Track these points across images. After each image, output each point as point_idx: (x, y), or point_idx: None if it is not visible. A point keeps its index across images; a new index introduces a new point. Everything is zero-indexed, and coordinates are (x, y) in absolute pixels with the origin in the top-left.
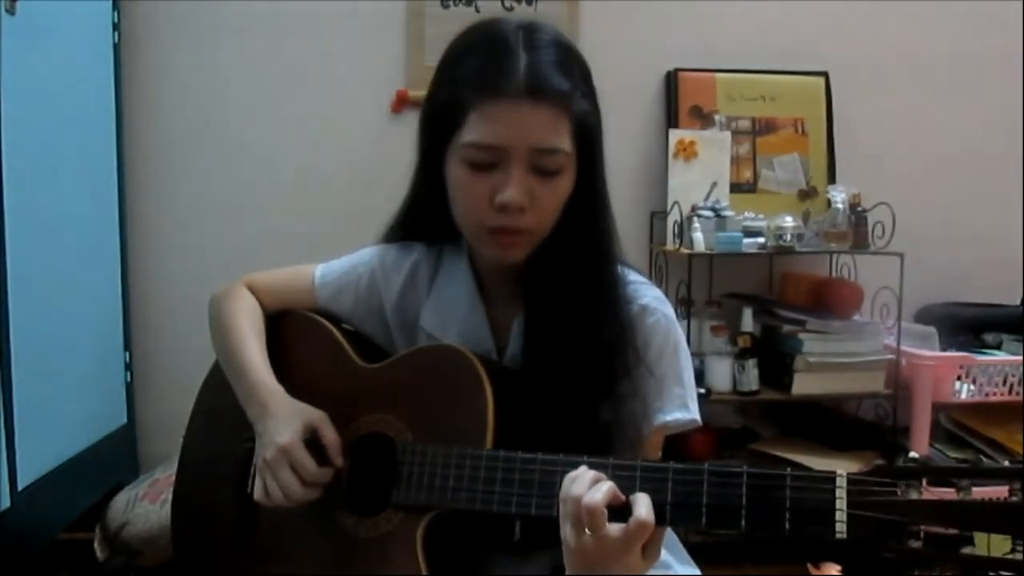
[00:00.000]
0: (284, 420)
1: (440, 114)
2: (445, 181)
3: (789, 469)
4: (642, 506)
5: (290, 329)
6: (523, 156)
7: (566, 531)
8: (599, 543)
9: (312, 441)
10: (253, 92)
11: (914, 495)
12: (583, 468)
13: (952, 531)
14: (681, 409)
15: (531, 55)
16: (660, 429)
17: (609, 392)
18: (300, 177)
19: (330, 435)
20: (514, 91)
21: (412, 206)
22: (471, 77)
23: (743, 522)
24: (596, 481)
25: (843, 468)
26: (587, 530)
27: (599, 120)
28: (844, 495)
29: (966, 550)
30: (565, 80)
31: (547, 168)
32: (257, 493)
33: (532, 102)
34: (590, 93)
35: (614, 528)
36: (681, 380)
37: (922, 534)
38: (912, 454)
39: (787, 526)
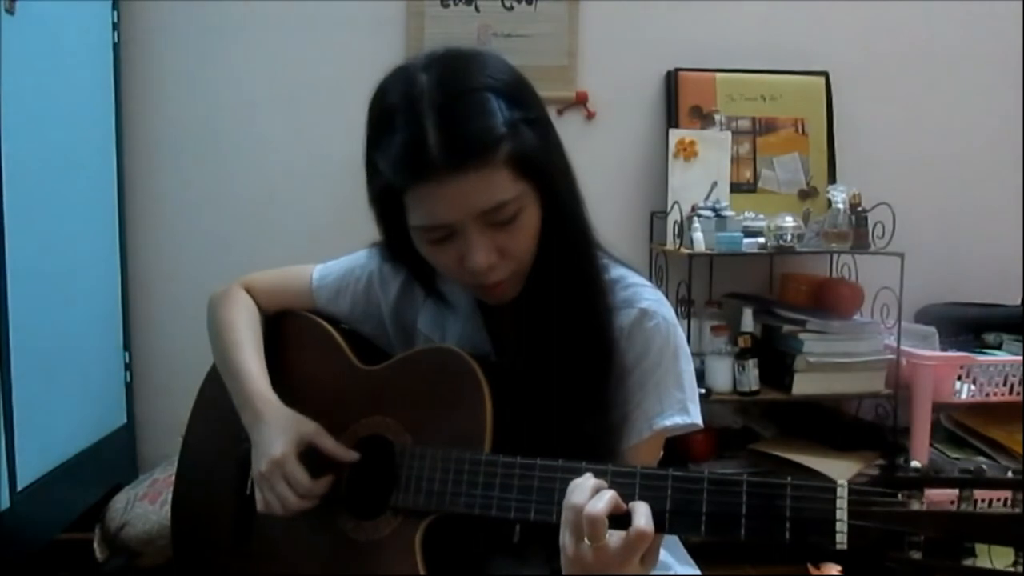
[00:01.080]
0: (277, 432)
1: (381, 202)
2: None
3: (789, 478)
4: (641, 516)
5: (289, 330)
6: (471, 223)
7: (565, 538)
8: (597, 553)
9: (308, 452)
10: (253, 92)
11: (915, 505)
12: (587, 476)
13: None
14: (681, 413)
15: (440, 118)
16: (660, 433)
17: (606, 394)
18: (300, 177)
19: (328, 444)
20: (433, 170)
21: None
22: (390, 164)
23: (743, 531)
24: (598, 490)
25: (843, 468)
26: (586, 539)
27: (545, 136)
28: (845, 505)
29: (968, 561)
30: (487, 127)
31: (502, 219)
32: (259, 505)
33: (456, 173)
34: (526, 118)
35: (613, 538)
36: (681, 384)
37: (923, 544)
38: (914, 463)
39: (787, 535)
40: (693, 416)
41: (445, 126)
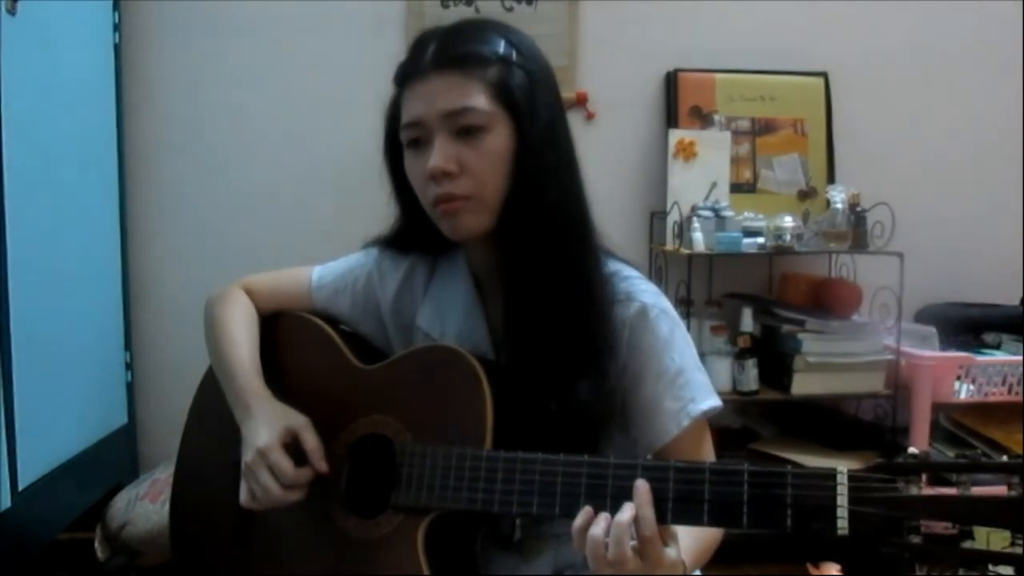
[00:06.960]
0: (265, 423)
1: (388, 118)
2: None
3: (790, 467)
4: (637, 523)
5: (288, 331)
6: (438, 123)
7: (592, 566)
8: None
9: (294, 445)
10: (253, 93)
11: (914, 491)
12: (585, 515)
13: (952, 526)
14: (711, 397)
15: (444, 35)
16: (699, 419)
17: (603, 388)
18: (300, 177)
19: (311, 441)
20: (423, 69)
21: (400, 224)
22: (398, 74)
23: (745, 519)
24: (608, 527)
25: (843, 467)
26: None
27: (534, 84)
28: (845, 492)
29: (965, 545)
30: (477, 48)
31: (465, 127)
32: (242, 496)
33: (439, 72)
34: (524, 64)
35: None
36: (701, 367)
37: (922, 529)
38: (912, 450)
39: (789, 523)
40: (716, 397)
41: (445, 40)
